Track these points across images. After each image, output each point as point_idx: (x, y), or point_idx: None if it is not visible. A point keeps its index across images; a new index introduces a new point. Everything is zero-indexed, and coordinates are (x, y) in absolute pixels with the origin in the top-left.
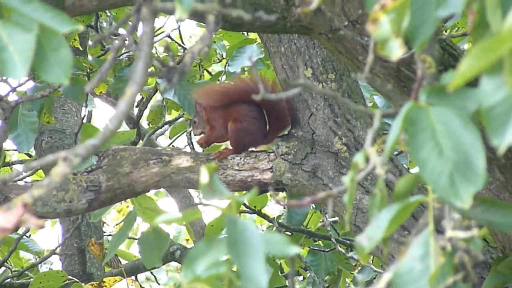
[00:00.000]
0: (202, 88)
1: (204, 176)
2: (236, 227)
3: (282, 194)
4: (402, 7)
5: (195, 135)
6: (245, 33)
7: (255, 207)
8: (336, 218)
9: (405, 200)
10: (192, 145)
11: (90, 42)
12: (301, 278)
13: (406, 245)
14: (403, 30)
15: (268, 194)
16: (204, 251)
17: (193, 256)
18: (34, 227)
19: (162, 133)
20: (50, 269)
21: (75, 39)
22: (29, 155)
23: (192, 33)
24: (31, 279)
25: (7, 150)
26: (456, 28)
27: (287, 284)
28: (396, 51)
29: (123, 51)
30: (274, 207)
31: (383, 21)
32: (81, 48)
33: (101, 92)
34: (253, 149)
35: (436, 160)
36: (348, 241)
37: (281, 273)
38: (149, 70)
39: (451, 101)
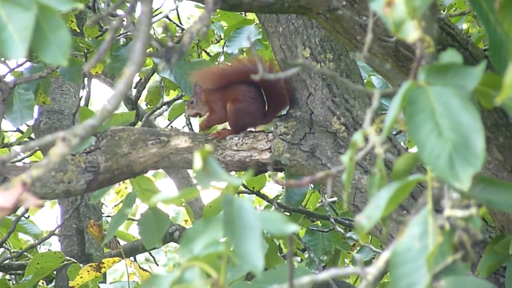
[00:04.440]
0: (200, 70)
1: (197, 161)
2: (233, 206)
3: (280, 174)
4: None
5: (189, 115)
6: (243, 13)
7: (253, 188)
8: (335, 198)
9: (404, 179)
10: (191, 125)
11: (87, 23)
12: (298, 259)
13: (405, 224)
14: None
15: (266, 174)
16: (202, 230)
17: (191, 236)
18: (33, 206)
19: (161, 114)
20: (49, 250)
21: (72, 21)
22: (21, 132)
23: (191, 14)
24: (30, 260)
25: (6, 131)
26: (454, 8)
27: (286, 264)
28: (412, 33)
29: (121, 32)
30: (272, 188)
31: (398, 3)
32: (78, 30)
33: (97, 72)
34: (252, 129)
35: (435, 141)
36: (346, 221)
37: (280, 253)
38: (148, 50)
39: (450, 80)
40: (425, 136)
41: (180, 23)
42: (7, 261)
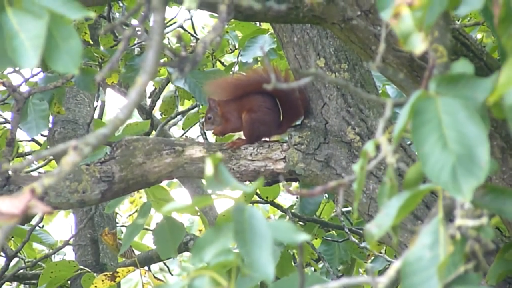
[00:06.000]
0: (215, 81)
1: (208, 167)
2: (243, 215)
3: (295, 184)
4: (428, 4)
5: (207, 130)
6: (258, 23)
7: (267, 197)
8: (350, 208)
9: (414, 188)
10: (205, 135)
11: (101, 32)
12: (312, 269)
13: (416, 234)
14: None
15: (280, 184)
16: (212, 238)
17: (202, 244)
18: (42, 213)
19: (175, 124)
20: (63, 259)
21: (85, 33)
22: (39, 143)
23: (205, 24)
24: (43, 269)
25: (20, 141)
26: (469, 18)
27: None
28: (419, 45)
29: (135, 42)
30: (287, 197)
31: (405, 15)
32: (91, 42)
33: (112, 82)
34: (266, 139)
35: (439, 153)
36: (361, 231)
37: (294, 263)
38: (162, 60)
39: (461, 91)
40: (430, 148)
41: (195, 32)
42: (21, 271)
